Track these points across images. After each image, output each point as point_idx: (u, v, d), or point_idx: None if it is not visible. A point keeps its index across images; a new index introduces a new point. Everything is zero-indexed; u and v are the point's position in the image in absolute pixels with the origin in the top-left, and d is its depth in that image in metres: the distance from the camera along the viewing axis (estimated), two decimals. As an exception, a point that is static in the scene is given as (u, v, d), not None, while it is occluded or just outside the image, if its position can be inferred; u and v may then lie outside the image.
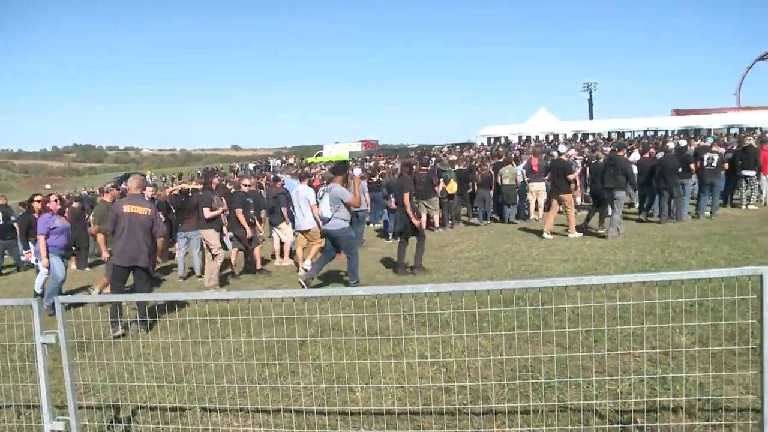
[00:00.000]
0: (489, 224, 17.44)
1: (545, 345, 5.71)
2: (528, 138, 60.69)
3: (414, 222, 10.74)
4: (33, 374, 4.32)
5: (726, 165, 15.64)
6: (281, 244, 13.68)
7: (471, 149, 49.08)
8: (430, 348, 5.93)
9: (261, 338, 5.68)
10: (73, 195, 29.53)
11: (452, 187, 16.74)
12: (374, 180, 19.03)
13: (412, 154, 45.08)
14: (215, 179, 12.84)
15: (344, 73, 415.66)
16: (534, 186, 17.31)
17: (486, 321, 6.29)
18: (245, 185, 13.15)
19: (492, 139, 62.62)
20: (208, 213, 10.96)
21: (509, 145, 51.66)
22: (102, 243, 9.71)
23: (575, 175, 14.20)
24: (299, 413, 4.84)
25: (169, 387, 5.44)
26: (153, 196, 12.76)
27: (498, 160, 19.68)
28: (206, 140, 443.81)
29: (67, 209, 14.33)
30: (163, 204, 13.94)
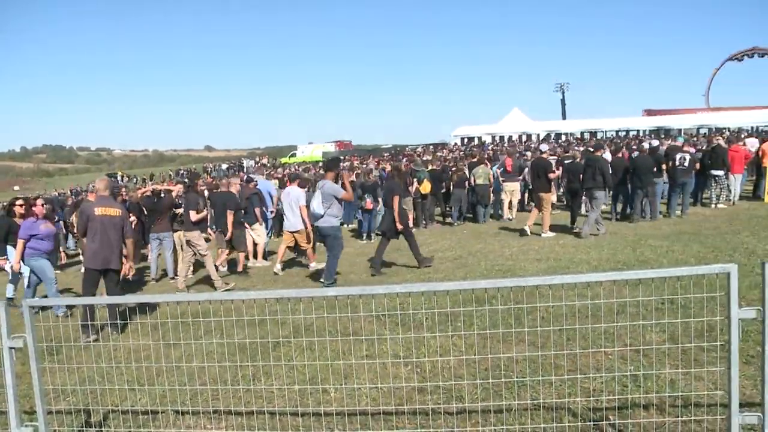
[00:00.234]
0: (463, 224, 17.50)
1: (519, 344, 5.74)
2: (501, 138, 61.03)
3: (398, 225, 10.79)
4: (0, 379, 4.24)
5: (697, 165, 15.84)
6: (254, 245, 13.62)
7: (445, 149, 49.22)
8: (405, 348, 5.93)
9: (235, 340, 5.66)
10: (43, 196, 29.12)
11: (426, 188, 16.81)
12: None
13: (386, 155, 45.08)
14: (200, 181, 12.81)
15: (318, 74, 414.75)
16: (508, 186, 17.47)
17: (460, 321, 6.31)
18: (234, 186, 13.15)
19: (466, 139, 62.86)
20: (194, 216, 10.90)
21: (483, 145, 51.88)
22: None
23: (556, 175, 14.32)
24: (273, 415, 4.82)
25: (142, 390, 5.39)
26: (125, 198, 12.65)
27: (473, 160, 19.79)
28: (179, 141, 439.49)
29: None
30: (135, 205, 13.79)
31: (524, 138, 59.02)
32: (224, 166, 67.78)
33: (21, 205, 10.85)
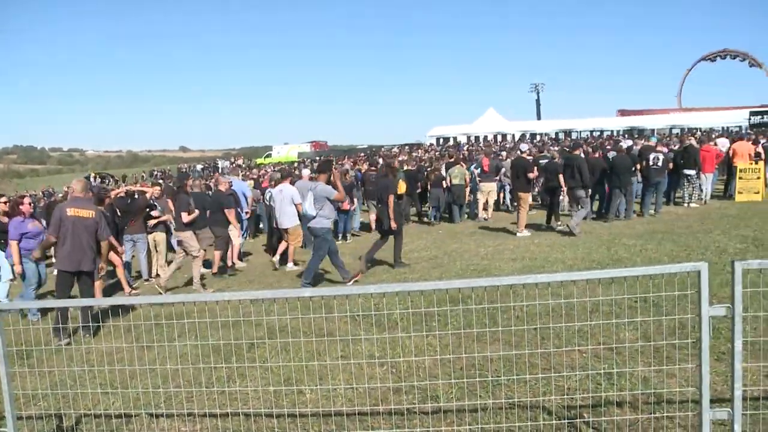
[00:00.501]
0: (439, 224, 17.54)
1: (494, 343, 5.75)
2: (477, 138, 61.22)
3: (392, 224, 10.94)
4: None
5: (670, 165, 16.01)
6: (230, 247, 13.53)
7: (420, 149, 49.25)
8: (380, 348, 5.93)
9: (209, 342, 5.61)
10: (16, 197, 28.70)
11: (401, 188, 16.80)
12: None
13: (362, 155, 45.01)
14: (189, 181, 12.78)
15: (293, 74, 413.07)
16: (485, 186, 17.54)
17: (436, 321, 6.32)
18: (223, 185, 13.16)
19: (441, 140, 62.99)
20: (186, 218, 10.84)
21: (458, 145, 52.01)
22: None
23: (535, 175, 14.41)
24: (249, 416, 4.78)
25: (115, 393, 5.33)
26: (111, 201, 12.50)
27: (450, 160, 19.87)
28: (153, 141, 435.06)
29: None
30: (109, 207, 13.62)
31: (499, 138, 59.26)
32: (199, 167, 67.18)
33: (5, 203, 10.59)
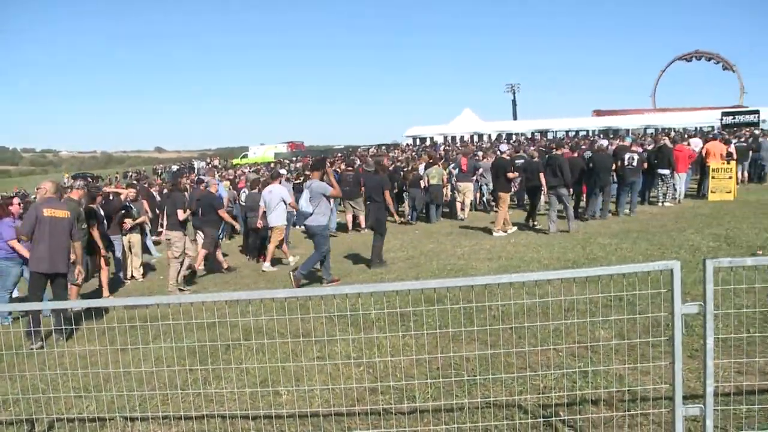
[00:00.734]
0: (416, 224, 17.57)
1: (470, 343, 5.77)
2: (453, 138, 61.33)
3: (396, 217, 11.01)
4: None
5: (645, 164, 16.16)
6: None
7: (397, 150, 49.28)
8: (357, 349, 5.93)
9: (184, 344, 5.57)
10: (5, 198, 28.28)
11: (377, 188, 16.84)
12: (300, 182, 18.97)
13: (338, 155, 44.96)
14: (183, 180, 12.79)
15: (269, 74, 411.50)
16: (461, 186, 17.64)
17: (413, 321, 6.33)
18: (214, 186, 13.21)
19: (418, 140, 63.04)
20: (182, 215, 10.81)
21: (435, 146, 52.09)
22: None
23: (515, 175, 14.49)
24: (225, 418, 4.77)
25: (89, 397, 5.26)
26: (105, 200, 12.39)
27: (429, 161, 19.97)
28: (128, 142, 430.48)
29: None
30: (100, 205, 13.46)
31: (476, 138, 59.44)
32: (174, 168, 66.72)
33: None
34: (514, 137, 54.95)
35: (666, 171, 16.49)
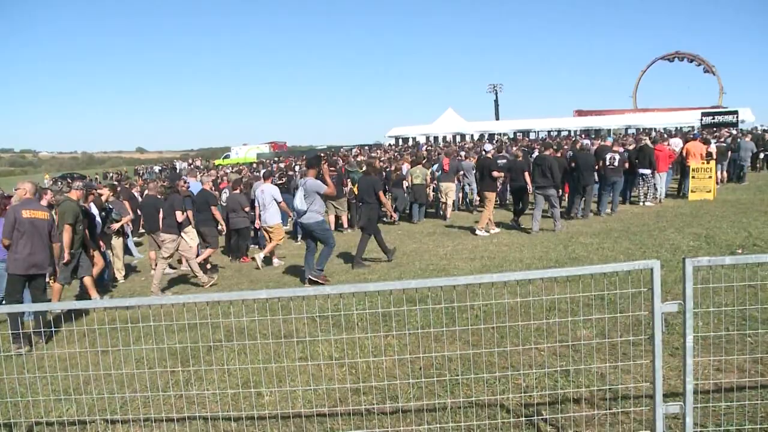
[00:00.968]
0: (399, 224, 17.59)
1: (453, 343, 5.79)
2: (435, 138, 61.46)
3: (392, 215, 11.51)
4: None
5: (626, 164, 16.26)
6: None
7: (379, 150, 49.27)
8: (339, 349, 5.92)
9: (166, 345, 5.54)
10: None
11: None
12: (282, 182, 18.95)
13: (322, 155, 44.97)
14: (181, 182, 12.79)
15: (251, 74, 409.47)
16: (443, 185, 17.69)
17: (395, 321, 6.33)
18: (207, 184, 13.25)
19: (401, 140, 63.12)
20: (180, 216, 10.80)
21: (417, 146, 52.14)
22: (67, 243, 9.13)
23: (500, 174, 14.52)
24: (207, 420, 4.74)
25: (69, 400, 5.21)
26: (51, 202, 12.24)
27: (413, 158, 20.05)
28: (109, 142, 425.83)
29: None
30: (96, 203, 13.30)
31: (458, 138, 59.60)
32: (156, 169, 66.25)
33: None
34: (497, 137, 55.14)
35: (647, 171, 16.61)
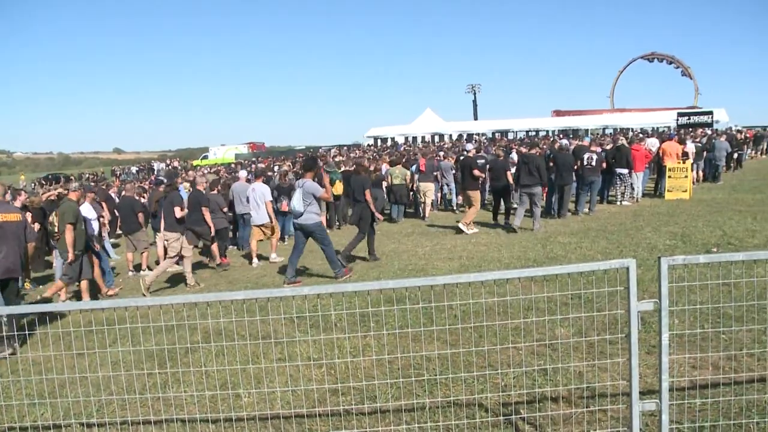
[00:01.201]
0: (378, 223, 17.59)
1: (432, 342, 5.80)
2: (414, 138, 61.55)
3: (377, 215, 11.53)
4: None
5: (604, 164, 16.38)
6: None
7: (358, 150, 49.30)
8: (318, 350, 5.90)
9: (145, 347, 5.48)
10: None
11: (338, 188, 16.82)
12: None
13: (299, 156, 44.87)
14: (179, 179, 12.74)
15: (229, 74, 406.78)
16: (422, 186, 17.76)
17: (374, 321, 6.33)
18: (201, 185, 13.08)
19: (379, 140, 63.16)
20: (179, 213, 10.93)
21: (396, 146, 52.23)
22: (70, 243, 9.26)
23: (481, 174, 14.58)
24: (185, 422, 4.71)
25: (44, 404, 5.16)
26: (25, 203, 12.14)
27: (393, 159, 20.12)
28: (86, 143, 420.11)
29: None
30: (38, 210, 13.19)
31: (437, 138, 59.75)
32: (134, 169, 65.75)
33: None
34: (476, 137, 55.34)
35: (624, 170, 16.77)
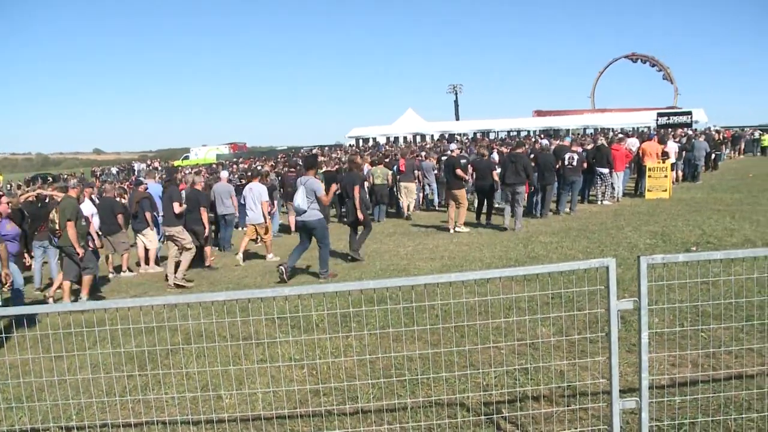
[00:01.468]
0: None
1: (413, 342, 5.80)
2: (396, 138, 61.56)
3: (359, 215, 11.38)
4: None
5: (585, 164, 16.47)
6: (146, 251, 13.19)
7: (340, 150, 49.27)
8: (300, 351, 5.89)
9: (125, 349, 5.45)
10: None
11: (319, 189, 16.84)
12: (243, 183, 18.82)
13: (281, 156, 44.79)
14: (178, 176, 12.74)
15: (211, 74, 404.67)
16: (403, 185, 17.84)
17: (355, 321, 6.32)
18: (199, 184, 13.26)
19: (361, 140, 63.12)
20: (177, 208, 10.96)
21: (378, 146, 52.23)
22: (75, 239, 9.24)
23: (463, 174, 14.61)
24: (166, 424, 4.67)
25: (22, 408, 5.09)
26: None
27: (376, 158, 20.17)
28: (65, 143, 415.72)
29: None
30: (17, 212, 13.04)
31: (419, 138, 59.81)
32: (114, 170, 65.23)
33: None
34: (457, 137, 55.44)
35: (605, 170, 16.88)
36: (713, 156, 25.66)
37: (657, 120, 49.44)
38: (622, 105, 67.53)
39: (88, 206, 11.42)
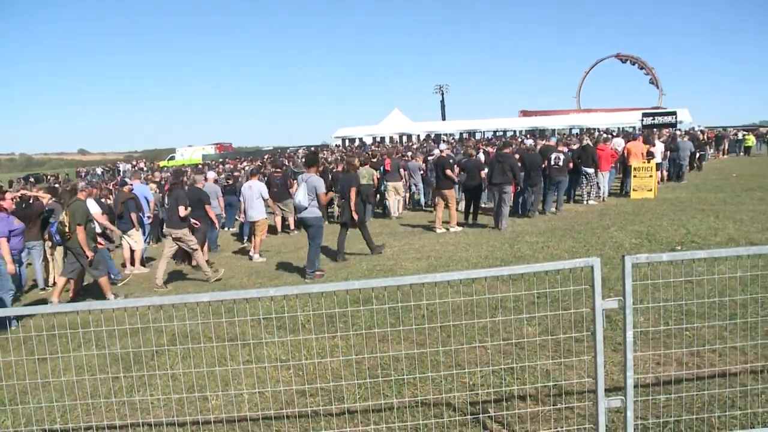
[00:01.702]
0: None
1: (400, 343, 5.79)
2: (382, 139, 61.55)
3: (354, 216, 11.60)
4: None
5: (571, 164, 16.54)
6: (131, 252, 13.12)
7: (326, 151, 49.19)
8: (286, 351, 5.87)
9: (110, 351, 5.42)
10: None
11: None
12: (229, 183, 18.78)
13: (267, 156, 44.68)
14: (184, 178, 12.78)
15: (196, 75, 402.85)
16: (390, 184, 17.88)
17: (342, 321, 6.31)
18: (200, 183, 13.24)
19: (347, 141, 63.04)
20: (183, 212, 10.91)
21: (364, 146, 52.19)
22: (84, 243, 9.22)
23: (453, 174, 14.63)
24: (152, 426, 4.64)
25: (5, 411, 5.04)
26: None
27: (364, 157, 20.22)
28: (50, 144, 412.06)
29: None
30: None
31: (405, 139, 59.83)
32: (99, 170, 64.75)
33: None
34: (444, 137, 55.49)
35: (590, 170, 16.96)
36: (698, 156, 25.86)
37: (642, 120, 49.77)
38: (607, 105, 67.91)
39: (93, 206, 11.33)
